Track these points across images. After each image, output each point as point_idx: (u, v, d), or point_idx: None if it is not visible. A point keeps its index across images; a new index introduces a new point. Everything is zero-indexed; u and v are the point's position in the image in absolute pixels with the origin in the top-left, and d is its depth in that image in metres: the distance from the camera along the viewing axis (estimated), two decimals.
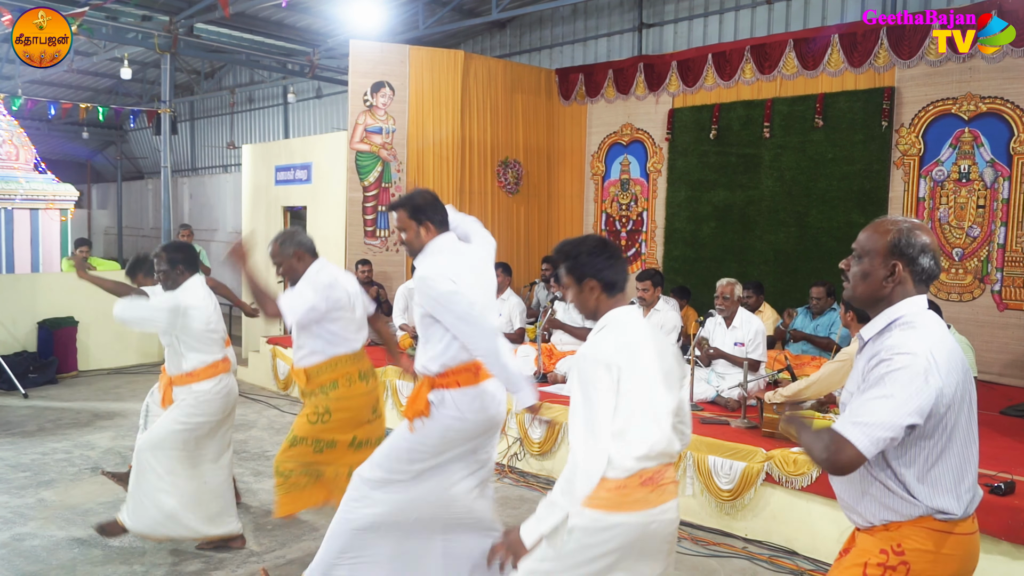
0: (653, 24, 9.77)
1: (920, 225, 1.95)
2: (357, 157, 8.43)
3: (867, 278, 1.95)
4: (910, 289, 1.94)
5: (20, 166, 10.36)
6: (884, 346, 1.85)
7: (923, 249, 1.91)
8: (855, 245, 1.99)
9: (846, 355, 4.42)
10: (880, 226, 1.96)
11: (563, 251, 2.35)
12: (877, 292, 1.95)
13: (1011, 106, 6.60)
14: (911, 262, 1.92)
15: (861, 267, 1.97)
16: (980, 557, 3.65)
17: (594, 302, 2.31)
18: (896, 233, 1.92)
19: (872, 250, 1.94)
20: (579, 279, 2.31)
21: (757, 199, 8.23)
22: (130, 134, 20.05)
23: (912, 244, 1.90)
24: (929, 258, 1.92)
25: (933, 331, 1.87)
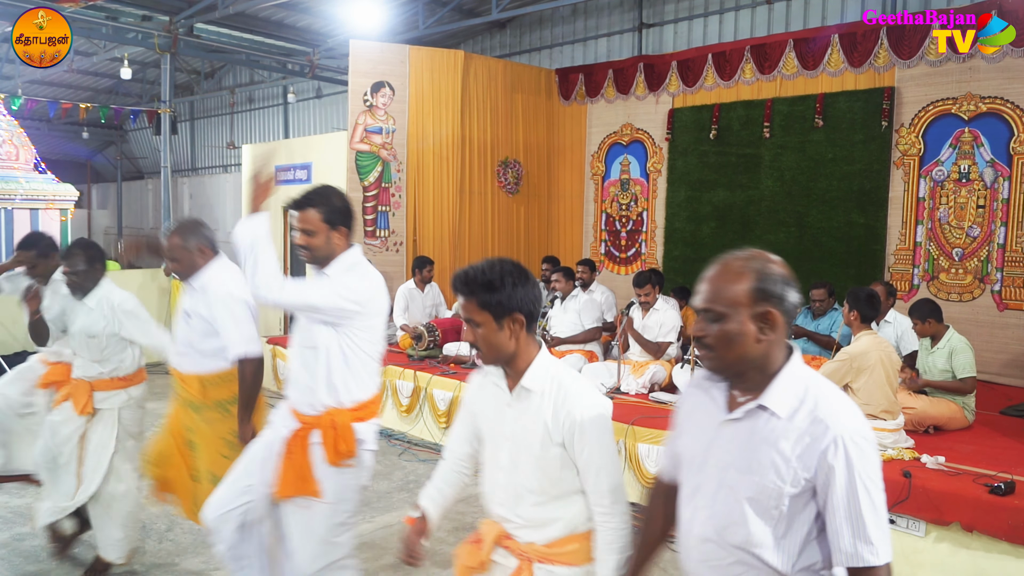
0: (653, 24, 9.77)
1: (769, 255, 1.62)
2: (357, 157, 8.43)
3: (737, 340, 1.56)
4: (783, 338, 1.60)
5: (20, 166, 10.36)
6: (827, 430, 1.51)
7: (786, 281, 1.58)
8: (704, 303, 1.60)
9: (846, 355, 4.42)
10: (729, 269, 1.59)
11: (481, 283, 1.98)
12: (750, 354, 1.56)
13: (1011, 106, 6.60)
14: (781, 303, 1.56)
15: (723, 328, 1.56)
16: (980, 557, 3.67)
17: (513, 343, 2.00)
18: (755, 273, 1.57)
19: (732, 302, 1.56)
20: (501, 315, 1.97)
21: (757, 199, 8.23)
22: (130, 134, 20.05)
23: (775, 280, 1.57)
24: (793, 290, 1.59)
25: (845, 396, 1.61)
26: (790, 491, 1.53)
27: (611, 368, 6.04)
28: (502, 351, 1.98)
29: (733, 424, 1.61)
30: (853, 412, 1.55)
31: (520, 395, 1.99)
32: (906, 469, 3.99)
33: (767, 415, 1.57)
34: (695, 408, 1.75)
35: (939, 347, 5.02)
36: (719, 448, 1.63)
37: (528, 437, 1.96)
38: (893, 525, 3.93)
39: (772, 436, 1.55)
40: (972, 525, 3.69)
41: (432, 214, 8.84)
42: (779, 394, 1.57)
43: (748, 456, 1.57)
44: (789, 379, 1.58)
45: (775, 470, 1.53)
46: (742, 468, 1.58)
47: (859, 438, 1.52)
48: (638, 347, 6.15)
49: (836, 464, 1.49)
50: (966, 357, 4.89)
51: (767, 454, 1.55)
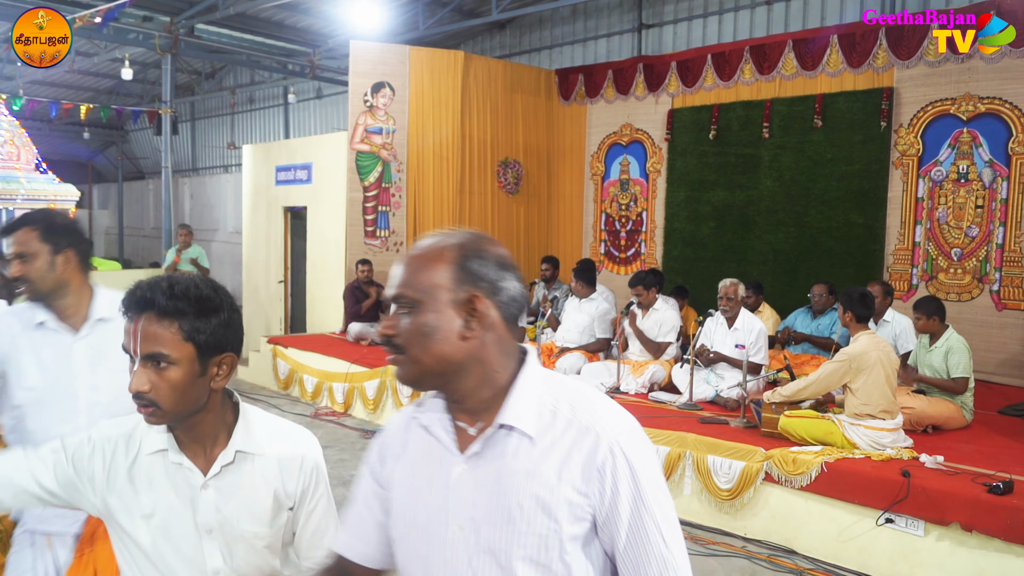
0: (653, 25, 9.79)
1: (481, 234, 1.24)
2: (357, 157, 8.45)
3: (432, 335, 1.16)
4: (505, 336, 1.20)
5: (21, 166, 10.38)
6: (592, 436, 1.15)
7: (502, 264, 1.20)
8: (396, 289, 1.21)
9: (845, 355, 4.44)
10: (427, 250, 1.20)
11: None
12: (454, 355, 1.17)
13: (1009, 106, 6.61)
14: (494, 290, 1.18)
15: (416, 319, 1.17)
16: (979, 556, 3.69)
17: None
18: (457, 251, 1.19)
19: (429, 287, 1.17)
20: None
21: (756, 199, 8.25)
22: (131, 134, 20.07)
23: (485, 259, 1.19)
24: (513, 278, 1.20)
25: (603, 395, 1.26)
26: (571, 531, 1.15)
27: (611, 368, 6.06)
28: (196, 405, 1.45)
29: (472, 463, 1.20)
30: (616, 409, 1.20)
31: (228, 468, 1.52)
32: (905, 468, 4.01)
33: (512, 438, 1.17)
34: (408, 453, 1.28)
35: (936, 346, 5.04)
36: (460, 501, 1.20)
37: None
38: (892, 524, 3.95)
39: (527, 464, 1.16)
40: (971, 524, 3.70)
41: (432, 214, 8.85)
42: (520, 407, 1.18)
43: (503, 501, 1.16)
44: (528, 386, 1.20)
45: (543, 509, 1.14)
46: (500, 520, 1.16)
47: (635, 440, 1.18)
48: (637, 347, 6.16)
49: (619, 482, 1.14)
50: (961, 357, 4.91)
51: (527, 490, 1.15)
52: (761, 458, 4.42)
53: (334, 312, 8.82)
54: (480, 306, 1.16)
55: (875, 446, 4.32)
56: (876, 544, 4.02)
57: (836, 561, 4.13)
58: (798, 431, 4.50)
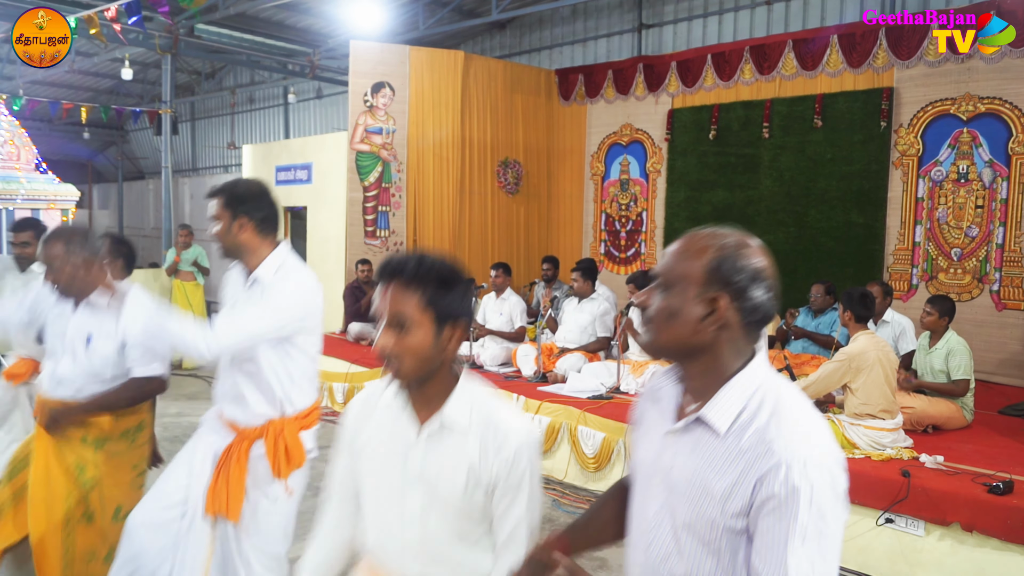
0: (653, 25, 9.79)
1: (751, 243, 1.34)
2: (357, 157, 8.45)
3: (675, 318, 1.31)
4: (739, 338, 1.33)
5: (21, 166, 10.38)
6: (774, 455, 1.22)
7: (756, 276, 1.30)
8: (658, 269, 1.37)
9: (844, 355, 4.43)
10: (694, 242, 1.34)
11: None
12: (691, 339, 1.31)
13: (1009, 106, 6.61)
14: (739, 295, 1.29)
15: (666, 301, 1.33)
16: (979, 556, 3.68)
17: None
18: (718, 253, 1.30)
19: (682, 277, 1.32)
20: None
21: (756, 199, 8.25)
22: (131, 134, 20.06)
23: (740, 268, 1.29)
24: (764, 289, 1.31)
25: (815, 415, 1.31)
26: (725, 523, 1.26)
27: (611, 367, 6.06)
28: (429, 364, 1.58)
29: (676, 436, 1.36)
30: (812, 435, 1.25)
31: (435, 431, 1.62)
32: (905, 468, 4.01)
33: (707, 429, 1.31)
34: (645, 414, 1.49)
35: (937, 347, 5.04)
36: (663, 464, 1.37)
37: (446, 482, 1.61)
38: (892, 524, 3.95)
39: (710, 455, 1.29)
40: (971, 524, 3.70)
41: (432, 214, 8.85)
42: (722, 405, 1.30)
43: (687, 475, 1.32)
44: (740, 387, 1.30)
45: (708, 496, 1.27)
46: (681, 489, 1.32)
47: (812, 468, 1.21)
48: (637, 347, 6.16)
49: (773, 496, 1.20)
50: (962, 359, 4.90)
51: (704, 477, 1.29)
52: None
53: (334, 312, 8.82)
54: (722, 306, 1.29)
55: (875, 446, 4.32)
56: (876, 544, 4.01)
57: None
58: None
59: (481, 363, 6.70)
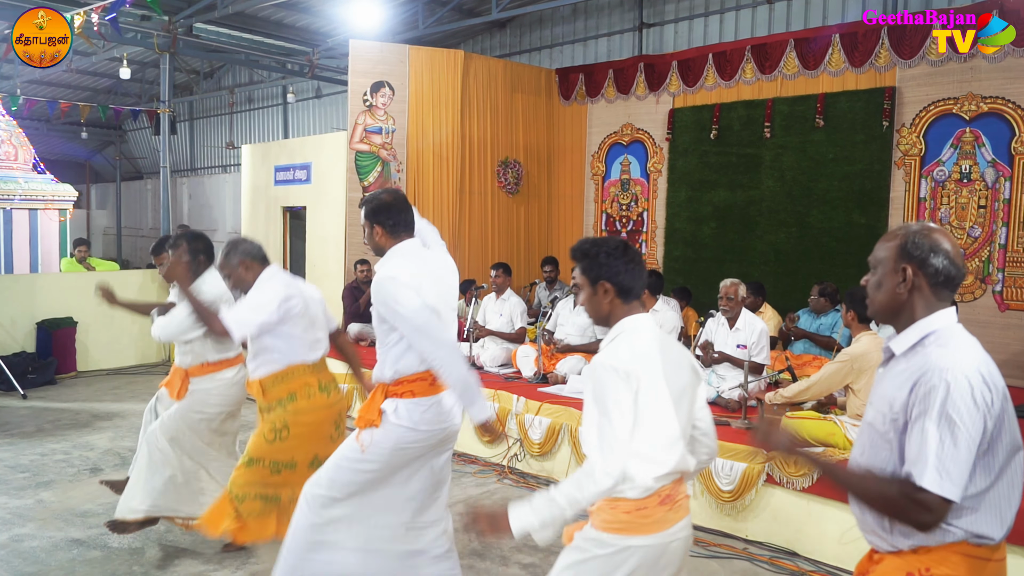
0: (653, 24, 9.76)
1: (933, 227, 1.87)
2: (357, 157, 8.41)
3: (881, 288, 1.89)
4: (930, 296, 1.84)
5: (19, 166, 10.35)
6: (929, 367, 1.74)
7: (933, 249, 1.82)
8: (870, 259, 1.94)
9: (847, 356, 4.41)
10: (890, 234, 1.91)
11: (581, 250, 2.20)
12: (894, 301, 1.87)
13: (1012, 106, 6.59)
14: (922, 264, 1.83)
15: (875, 277, 1.92)
16: None
17: (607, 306, 2.17)
18: (903, 236, 1.86)
19: (883, 258, 1.89)
20: (594, 280, 2.17)
21: (758, 199, 8.22)
22: (129, 134, 20.03)
23: (919, 245, 1.83)
24: (942, 258, 1.82)
25: (973, 347, 1.81)
26: (895, 417, 1.78)
27: None
28: (597, 312, 2.23)
29: (883, 369, 1.94)
30: (965, 356, 1.75)
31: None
32: None
33: (896, 355, 1.87)
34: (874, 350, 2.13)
35: None
36: (881, 385, 1.94)
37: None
38: None
39: (892, 373, 1.85)
40: None
41: (432, 214, 8.82)
42: (903, 337, 1.85)
43: (879, 389, 1.89)
44: (920, 326, 1.83)
45: (885, 399, 1.82)
46: (874, 400, 1.91)
47: (952, 374, 1.70)
48: None
49: (929, 400, 1.70)
50: None
51: (885, 386, 1.85)
52: (763, 459, 4.39)
53: (334, 312, 8.78)
54: (909, 273, 1.84)
55: None
56: None
57: (838, 563, 4.10)
58: (799, 432, 4.47)
59: (481, 364, 6.67)
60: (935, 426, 1.68)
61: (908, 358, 1.82)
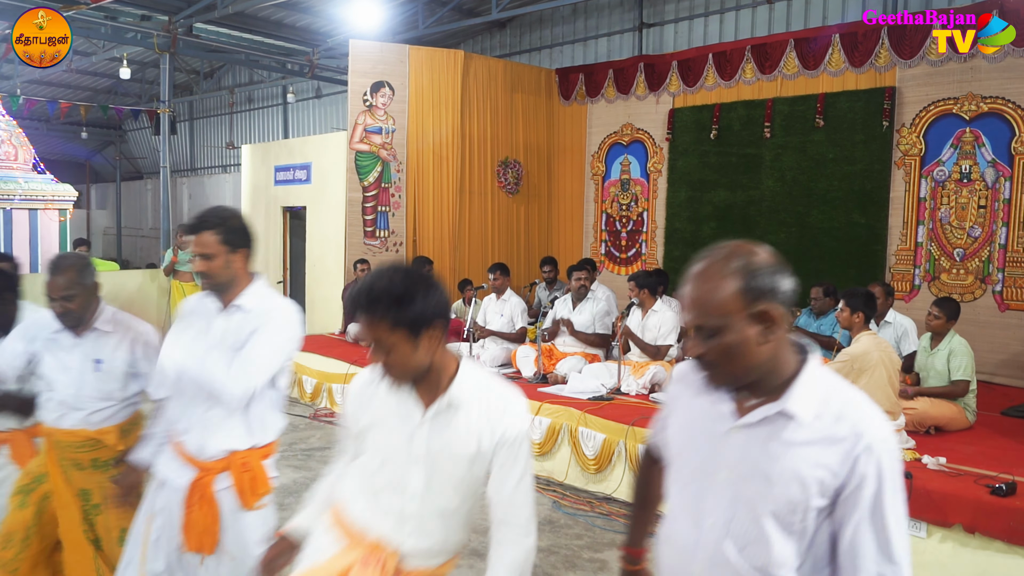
0: (653, 24, 9.76)
1: (747, 244, 1.44)
2: (357, 157, 8.41)
3: (738, 350, 1.37)
4: (783, 335, 1.40)
5: (19, 166, 10.35)
6: (859, 435, 1.37)
7: (774, 270, 1.39)
8: (694, 320, 1.40)
9: (847, 356, 4.40)
10: (710, 275, 1.40)
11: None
12: (759, 360, 1.38)
13: (1012, 106, 6.59)
14: (775, 295, 1.37)
15: (722, 341, 1.37)
16: (981, 558, 3.65)
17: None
18: (739, 271, 1.37)
19: (723, 310, 1.36)
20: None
21: (758, 199, 8.22)
22: (129, 134, 20.03)
23: (762, 272, 1.37)
24: (785, 278, 1.40)
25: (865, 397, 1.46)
26: (817, 503, 1.38)
27: (611, 368, 6.02)
28: (419, 368, 1.75)
29: (747, 430, 1.44)
30: (882, 418, 1.42)
31: (442, 411, 1.79)
32: (907, 470, 3.97)
33: (790, 420, 1.41)
34: (690, 409, 1.55)
35: (939, 348, 5.01)
36: (730, 457, 1.45)
37: (452, 456, 1.79)
38: None
39: (796, 442, 1.39)
40: (973, 526, 3.67)
41: (432, 214, 8.82)
42: (801, 398, 1.40)
43: (768, 466, 1.41)
44: (810, 382, 1.42)
45: (800, 480, 1.38)
46: (762, 479, 1.41)
47: (890, 446, 1.40)
48: (638, 348, 6.14)
49: (868, 473, 1.35)
50: (963, 360, 4.88)
51: (791, 462, 1.39)
52: None
53: (333, 313, 8.79)
54: (770, 314, 1.36)
55: None
56: None
57: None
58: None
59: (481, 364, 6.67)
60: (895, 509, 1.37)
61: (811, 424, 1.40)
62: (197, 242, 2.42)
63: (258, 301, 2.50)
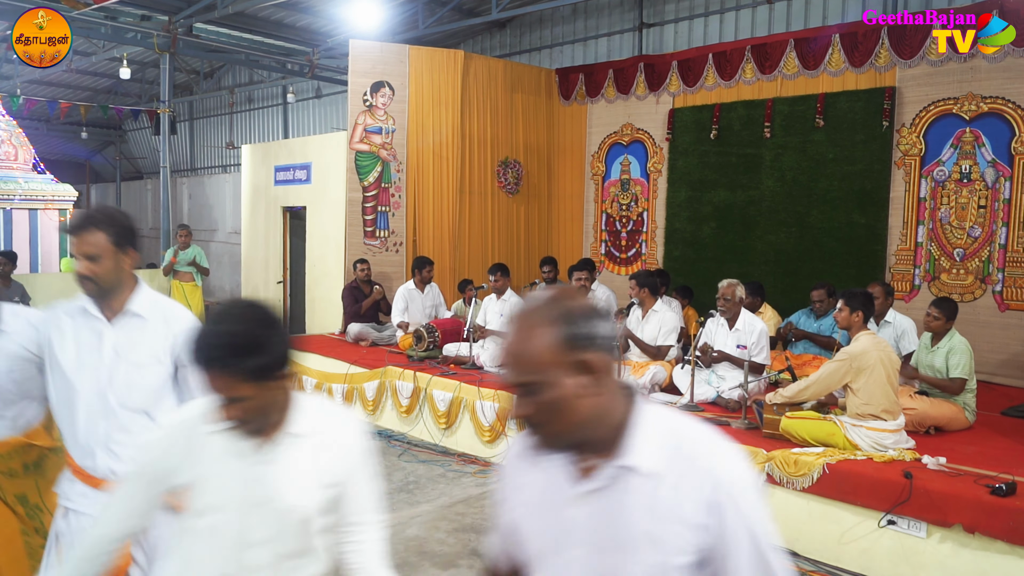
0: (653, 24, 9.76)
1: (563, 293, 1.28)
2: (357, 157, 8.42)
3: (564, 405, 1.23)
4: (611, 385, 1.27)
5: (19, 166, 10.36)
6: (713, 479, 1.24)
7: (588, 315, 1.25)
8: (510, 376, 1.27)
9: (846, 355, 4.41)
10: (527, 324, 1.25)
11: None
12: (590, 413, 1.25)
13: (1012, 106, 6.59)
14: (593, 341, 1.24)
15: (543, 399, 1.24)
16: (981, 558, 3.66)
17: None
18: (554, 321, 1.23)
19: (540, 365, 1.23)
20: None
21: (758, 199, 8.22)
22: (129, 134, 20.03)
23: (576, 318, 1.24)
24: (604, 321, 1.27)
25: (712, 430, 1.33)
26: (680, 561, 1.24)
27: None
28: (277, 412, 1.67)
29: (591, 497, 1.28)
30: (733, 452, 1.28)
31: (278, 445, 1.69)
32: (907, 470, 3.98)
33: (633, 475, 1.26)
34: (530, 487, 1.39)
35: (939, 347, 5.02)
36: (578, 528, 1.30)
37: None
38: (894, 526, 3.92)
39: (645, 500, 1.25)
40: (973, 526, 3.68)
41: (432, 214, 8.82)
42: (641, 448, 1.26)
43: (619, 531, 1.27)
44: (647, 427, 1.27)
45: (656, 541, 1.24)
46: (615, 547, 1.27)
47: (749, 484, 1.26)
48: (637, 348, 6.13)
49: (731, 521, 1.23)
50: (962, 358, 4.89)
51: (643, 523, 1.25)
52: (762, 459, 4.39)
53: (333, 313, 8.79)
54: (594, 362, 1.23)
55: (877, 447, 4.29)
56: (878, 546, 3.99)
57: (838, 563, 4.10)
58: (800, 432, 4.47)
59: (481, 364, 6.67)
60: (769, 558, 1.26)
61: (659, 474, 1.25)
62: (82, 241, 2.21)
63: (152, 306, 2.33)
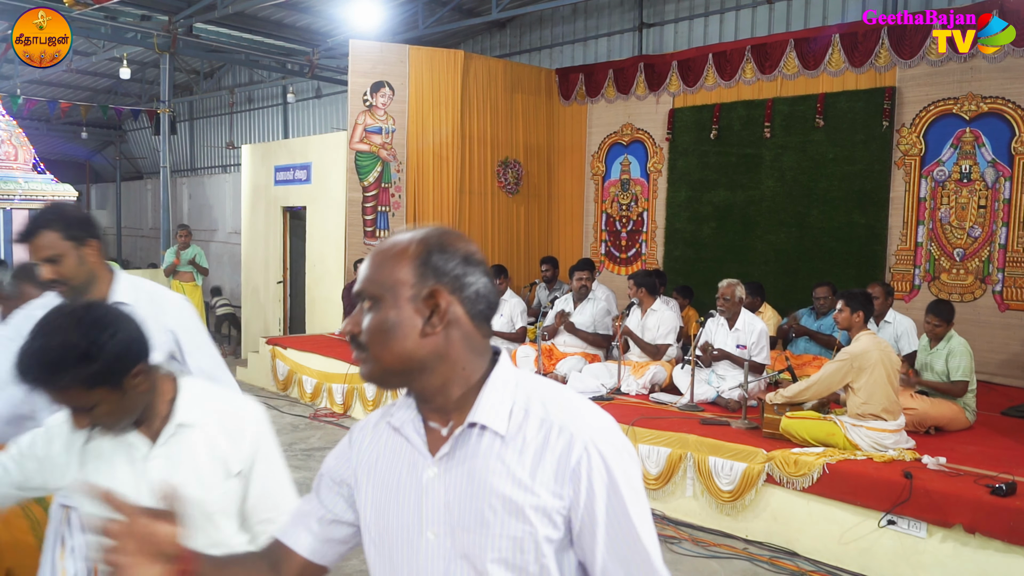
0: (653, 24, 9.76)
1: (451, 230, 1.20)
2: (357, 157, 8.42)
3: (393, 332, 1.13)
4: (472, 335, 1.16)
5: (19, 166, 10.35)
6: (570, 431, 1.12)
7: (468, 259, 1.16)
8: (358, 285, 1.19)
9: (846, 354, 4.41)
10: (390, 245, 1.17)
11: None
12: (417, 351, 1.13)
13: (1012, 106, 6.59)
14: (456, 283, 1.14)
15: (378, 316, 1.14)
16: (981, 558, 3.66)
17: None
18: (420, 244, 1.15)
19: (390, 282, 1.14)
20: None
21: (758, 199, 8.22)
22: (129, 134, 20.03)
23: (450, 254, 1.15)
24: (480, 274, 1.16)
25: (573, 392, 1.23)
26: (545, 533, 1.11)
27: (611, 369, 6.03)
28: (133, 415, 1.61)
29: (444, 465, 1.16)
30: (592, 408, 1.18)
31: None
32: (907, 470, 3.98)
33: (484, 437, 1.14)
34: (379, 455, 1.24)
35: (939, 348, 5.02)
36: (434, 506, 1.16)
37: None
38: (894, 526, 3.92)
39: (498, 464, 1.13)
40: (974, 526, 3.68)
41: (432, 214, 8.82)
42: (492, 405, 1.15)
43: (476, 504, 1.13)
44: (500, 385, 1.16)
45: (516, 511, 1.11)
46: (474, 524, 1.13)
47: (611, 439, 1.14)
48: (638, 348, 6.14)
49: (595, 482, 1.10)
50: (963, 360, 4.89)
51: (499, 491, 1.12)
52: (763, 459, 4.39)
53: (333, 312, 8.79)
54: (442, 302, 1.13)
55: (877, 447, 4.30)
56: (878, 546, 3.99)
57: (838, 563, 4.10)
58: (800, 432, 4.47)
59: None
60: (640, 514, 1.13)
61: (514, 436, 1.14)
62: (37, 247, 2.09)
63: (136, 293, 2.22)
